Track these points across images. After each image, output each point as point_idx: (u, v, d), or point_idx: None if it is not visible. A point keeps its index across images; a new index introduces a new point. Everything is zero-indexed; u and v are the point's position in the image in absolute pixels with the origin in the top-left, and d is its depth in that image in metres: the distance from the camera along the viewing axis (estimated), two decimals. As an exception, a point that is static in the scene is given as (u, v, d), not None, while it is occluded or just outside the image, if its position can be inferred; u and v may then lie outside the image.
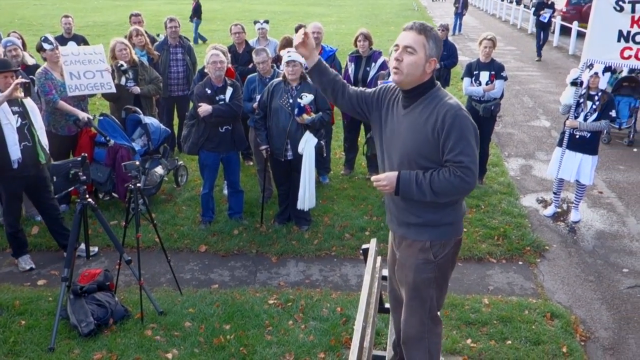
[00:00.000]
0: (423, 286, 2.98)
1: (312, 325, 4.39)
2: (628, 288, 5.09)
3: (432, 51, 2.75)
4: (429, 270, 2.94)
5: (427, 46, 2.73)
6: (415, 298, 3.02)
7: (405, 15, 28.58)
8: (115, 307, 4.41)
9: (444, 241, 2.92)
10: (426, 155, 2.78)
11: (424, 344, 3.09)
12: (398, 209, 2.99)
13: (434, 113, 2.74)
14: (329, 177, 7.32)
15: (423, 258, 2.93)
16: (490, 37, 6.74)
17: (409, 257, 2.99)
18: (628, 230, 6.20)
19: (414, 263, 2.96)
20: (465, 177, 2.69)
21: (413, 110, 2.83)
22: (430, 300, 3.02)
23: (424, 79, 2.79)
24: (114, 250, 5.28)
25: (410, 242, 2.98)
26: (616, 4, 5.61)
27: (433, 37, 2.75)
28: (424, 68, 2.76)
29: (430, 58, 2.75)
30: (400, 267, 3.08)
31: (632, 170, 7.99)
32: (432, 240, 2.91)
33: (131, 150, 6.16)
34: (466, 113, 2.75)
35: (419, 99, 2.82)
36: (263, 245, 5.67)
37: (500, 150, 8.75)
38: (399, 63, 2.74)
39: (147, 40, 7.46)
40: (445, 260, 2.96)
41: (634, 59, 5.68)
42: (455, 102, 2.78)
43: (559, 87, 12.36)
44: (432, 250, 2.92)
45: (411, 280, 2.99)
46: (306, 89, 5.48)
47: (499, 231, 5.97)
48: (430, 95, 2.81)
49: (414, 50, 2.72)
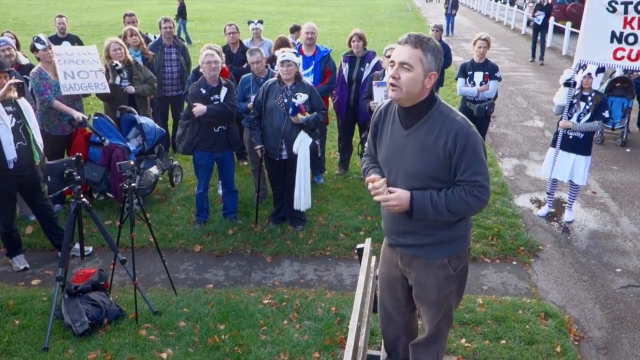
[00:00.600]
0: (446, 301, 2.96)
1: (307, 324, 4.39)
2: (621, 288, 5.12)
3: (430, 65, 2.57)
4: (450, 284, 2.91)
5: (424, 60, 2.55)
6: (439, 311, 2.99)
7: (400, 15, 28.65)
8: (110, 307, 4.40)
9: (460, 254, 2.89)
10: (436, 176, 2.69)
11: (434, 348, 3.11)
12: (405, 230, 2.87)
13: (442, 133, 2.61)
14: (324, 177, 7.33)
15: (444, 275, 2.87)
16: (485, 37, 6.77)
17: (429, 276, 2.90)
18: (621, 230, 6.24)
19: (436, 281, 2.89)
20: (482, 196, 2.65)
21: (418, 130, 2.69)
22: (451, 310, 3.04)
23: (424, 95, 2.64)
24: (108, 250, 5.27)
25: (425, 261, 2.89)
26: (609, 5, 5.64)
27: (431, 49, 2.56)
28: (423, 84, 2.59)
29: (429, 72, 2.58)
30: (420, 287, 2.98)
31: (625, 171, 8.04)
32: (449, 256, 2.86)
33: (126, 150, 6.15)
34: (475, 129, 2.68)
35: (422, 118, 2.68)
36: (258, 245, 5.67)
37: (494, 150, 8.79)
38: (396, 80, 2.57)
39: (141, 40, 7.45)
40: (463, 271, 2.95)
41: (627, 60, 5.72)
42: (462, 118, 2.67)
43: (552, 88, 12.42)
44: (450, 265, 2.86)
45: (434, 298, 2.94)
46: (301, 89, 5.49)
47: (493, 231, 5.99)
48: (435, 112, 2.67)
49: (411, 66, 2.54)
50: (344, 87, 6.94)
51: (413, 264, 2.95)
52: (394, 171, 2.80)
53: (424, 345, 3.10)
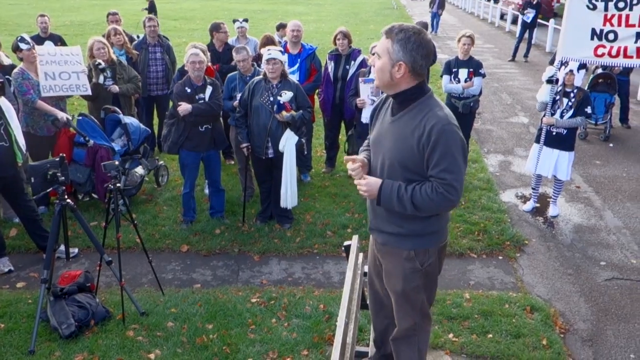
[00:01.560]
0: (413, 293, 2.96)
1: (295, 322, 4.40)
2: (605, 280, 5.18)
3: (397, 55, 2.59)
4: (417, 278, 2.91)
5: (390, 50, 2.60)
6: (406, 303, 3.00)
7: (385, 14, 28.71)
8: (97, 309, 4.37)
9: (429, 249, 2.87)
10: (410, 167, 2.70)
11: (414, 341, 3.10)
12: (379, 217, 2.93)
13: (420, 125, 2.62)
14: (310, 175, 7.33)
15: (410, 267, 2.88)
16: (469, 34, 6.81)
17: (396, 267, 2.93)
18: (605, 223, 6.32)
19: (402, 272, 2.90)
20: (448, 195, 2.60)
21: (400, 119, 2.73)
22: (421, 303, 3.02)
23: (401, 84, 2.67)
24: (94, 252, 5.23)
25: (394, 252, 2.92)
26: (589, 2, 5.69)
27: (399, 39, 2.58)
28: (391, 73, 2.63)
29: (396, 62, 2.60)
30: (388, 276, 3.03)
31: (609, 165, 8.14)
32: (415, 249, 2.86)
33: (111, 150, 6.11)
34: (455, 127, 2.63)
35: (407, 107, 2.72)
36: (245, 244, 5.66)
37: (479, 146, 8.85)
38: (374, 68, 2.75)
39: (125, 39, 7.40)
40: (432, 267, 2.93)
41: (608, 57, 5.78)
42: (444, 114, 2.64)
43: (536, 84, 12.52)
44: (417, 258, 2.86)
45: (400, 289, 2.95)
46: (286, 87, 5.48)
47: (479, 226, 6.04)
48: (420, 104, 2.69)
49: (379, 55, 2.66)
50: (329, 85, 6.95)
51: (383, 252, 3.02)
52: (379, 155, 2.85)
53: (404, 339, 3.11)
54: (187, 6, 30.52)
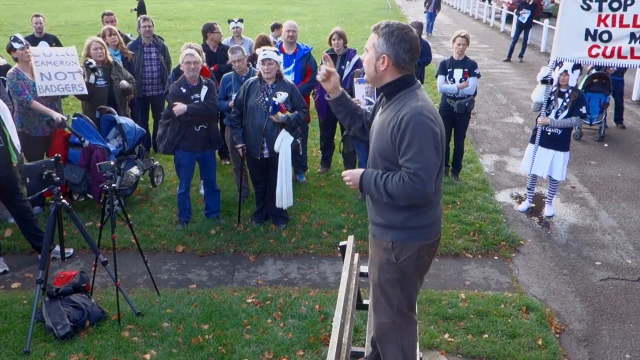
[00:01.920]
0: (387, 286, 3.00)
1: (291, 323, 4.40)
2: (601, 280, 5.20)
3: (381, 48, 2.72)
4: (391, 271, 2.95)
5: (375, 43, 2.74)
6: (381, 295, 3.05)
7: (380, 14, 28.71)
8: (92, 309, 4.36)
9: (407, 244, 2.90)
10: (387, 157, 2.80)
11: (397, 341, 3.11)
12: (371, 209, 3.06)
13: (396, 116, 2.70)
14: (306, 175, 7.33)
15: (386, 259, 2.95)
16: (464, 34, 6.82)
17: (376, 256, 3.03)
18: (600, 223, 6.34)
19: (379, 262, 3.00)
20: (414, 185, 2.64)
21: (385, 111, 2.85)
22: (397, 299, 3.03)
23: (384, 77, 2.78)
24: (89, 252, 5.21)
25: (377, 242, 3.02)
26: (583, 3, 5.71)
27: (384, 33, 2.71)
28: (376, 66, 2.76)
29: (380, 55, 2.73)
30: (370, 264, 3.16)
31: (604, 165, 8.17)
32: (393, 241, 2.91)
33: (106, 150, 6.09)
34: (426, 118, 2.65)
35: (392, 99, 2.82)
36: (241, 245, 5.66)
37: (474, 146, 8.87)
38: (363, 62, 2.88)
39: (120, 39, 7.38)
40: (408, 263, 2.92)
41: (602, 57, 5.80)
42: (419, 105, 2.68)
43: (531, 84, 12.55)
44: (394, 251, 2.91)
45: (376, 279, 3.04)
46: (281, 87, 5.48)
47: (474, 227, 6.05)
48: (401, 96, 2.78)
49: (367, 49, 2.81)
50: (324, 85, 6.93)
51: (371, 243, 3.13)
52: (371, 145, 2.97)
53: (386, 339, 3.12)
54: (182, 6, 30.48)
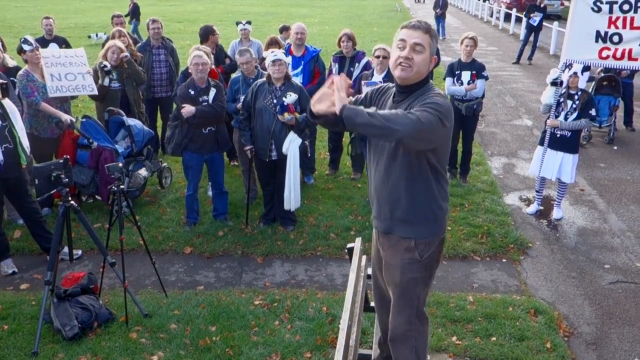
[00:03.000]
0: (410, 286, 2.99)
1: (298, 325, 4.39)
2: (610, 284, 5.16)
3: (434, 50, 2.86)
4: (415, 269, 2.95)
5: (432, 45, 2.83)
6: (403, 297, 3.03)
7: (389, 16, 28.72)
8: (100, 310, 4.38)
9: (429, 240, 2.93)
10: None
11: (411, 342, 3.10)
12: (380, 212, 3.01)
13: (416, 102, 2.77)
14: (314, 177, 7.33)
15: (409, 258, 2.94)
16: (472, 36, 6.81)
17: (395, 257, 2.99)
18: (609, 226, 6.30)
19: (400, 263, 2.96)
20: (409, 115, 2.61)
21: (403, 103, 2.85)
22: (418, 299, 3.04)
23: (424, 75, 2.87)
24: (97, 253, 5.24)
25: (395, 242, 2.98)
26: (594, 5, 5.68)
27: (435, 36, 2.86)
28: (429, 65, 2.86)
29: (432, 56, 2.86)
30: (387, 267, 3.09)
31: (613, 168, 8.11)
32: (416, 238, 2.92)
33: (114, 152, 6.12)
34: (444, 99, 2.77)
35: (412, 94, 2.85)
36: (248, 246, 5.66)
37: (483, 149, 8.83)
38: (409, 60, 2.77)
39: (129, 41, 7.41)
40: (430, 259, 2.97)
41: (612, 59, 5.76)
42: (439, 94, 2.81)
43: (540, 87, 12.50)
44: (417, 249, 2.92)
45: (398, 280, 3.00)
46: (290, 89, 5.49)
47: (482, 229, 6.02)
48: (423, 91, 2.84)
49: (424, 48, 2.78)
50: (332, 87, 6.93)
51: (384, 244, 3.07)
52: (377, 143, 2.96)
53: (401, 340, 3.11)
54: (192, 8, 30.62)
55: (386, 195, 2.96)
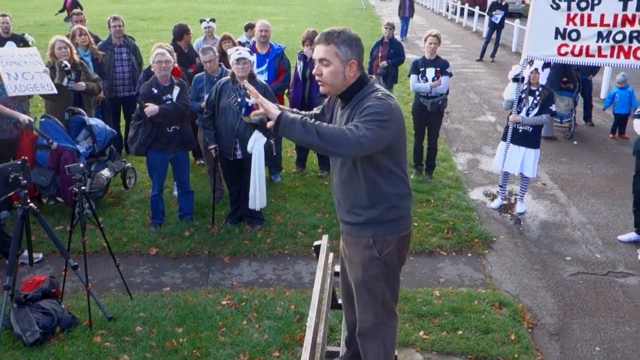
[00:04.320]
0: (372, 282, 3.01)
1: (266, 324, 4.37)
2: (571, 275, 5.29)
3: (347, 55, 2.75)
4: (375, 266, 2.98)
5: (339, 52, 2.74)
6: (366, 292, 3.06)
7: (355, 14, 28.83)
8: (62, 315, 4.27)
9: (387, 237, 2.95)
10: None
11: (379, 336, 3.12)
12: (341, 209, 3.05)
13: (357, 110, 2.76)
14: (281, 176, 7.30)
15: (369, 255, 2.96)
16: (435, 34, 6.88)
17: (356, 254, 3.02)
18: (570, 219, 6.45)
19: (361, 260, 2.99)
20: (348, 133, 2.58)
21: (346, 112, 2.87)
22: (382, 294, 3.05)
23: (350, 82, 2.81)
24: (59, 257, 5.10)
25: (355, 240, 3.02)
26: (553, 2, 5.81)
27: (343, 41, 2.74)
28: (345, 73, 2.77)
29: (347, 62, 2.75)
30: (350, 264, 3.12)
31: (573, 162, 8.31)
32: (374, 236, 2.94)
33: (75, 152, 5.98)
34: (386, 101, 2.72)
35: (351, 100, 2.85)
36: (215, 246, 5.61)
37: (448, 145, 8.95)
38: (320, 77, 2.79)
39: (91, 39, 7.25)
40: (391, 256, 2.99)
41: (571, 55, 5.90)
42: (380, 92, 2.77)
43: (503, 83, 12.69)
44: (375, 247, 2.95)
45: (360, 277, 3.03)
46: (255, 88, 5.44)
47: (448, 224, 6.10)
48: (361, 94, 2.82)
49: (328, 61, 2.74)
50: (298, 85, 6.94)
51: (347, 242, 3.11)
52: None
53: (369, 335, 3.13)
54: (155, 6, 30.14)
55: (342, 196, 3.01)
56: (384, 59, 8.95)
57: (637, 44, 5.55)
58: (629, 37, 5.57)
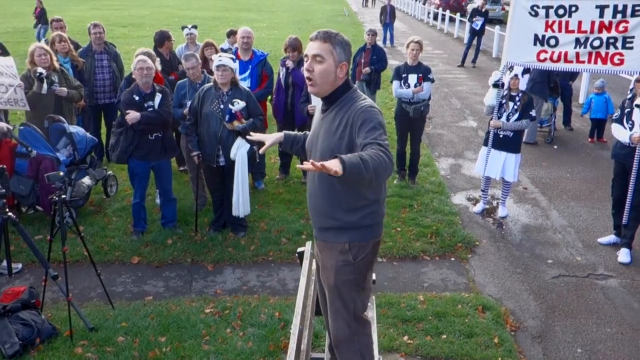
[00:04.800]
0: (344, 288, 3.00)
1: (251, 331, 4.35)
2: (553, 278, 5.35)
3: (340, 56, 2.80)
4: (349, 272, 2.96)
5: (334, 52, 2.78)
6: (338, 299, 3.03)
7: (337, 20, 28.93)
8: (42, 326, 4.20)
9: (363, 243, 2.95)
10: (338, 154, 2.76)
11: (355, 346, 3.10)
12: (317, 215, 3.03)
13: (346, 114, 2.78)
14: (264, 182, 7.29)
15: (343, 260, 2.95)
16: (417, 40, 6.93)
17: (330, 259, 3.00)
18: (551, 223, 6.53)
19: (335, 265, 2.97)
20: (387, 154, 2.51)
21: (329, 114, 2.88)
22: (354, 302, 3.04)
23: (338, 83, 2.85)
24: (39, 266, 5.03)
25: (330, 245, 3.00)
26: (531, 9, 5.90)
27: (339, 42, 2.80)
28: (336, 74, 2.81)
29: (340, 63, 2.80)
30: (323, 269, 3.10)
31: (554, 167, 8.42)
32: (350, 241, 2.93)
33: (55, 160, 5.90)
34: (377, 109, 2.78)
35: (335, 103, 2.87)
36: (198, 254, 5.57)
37: (430, 150, 9.01)
38: (310, 73, 2.80)
39: (70, 46, 7.18)
40: (364, 262, 2.98)
41: (550, 62, 5.99)
42: (368, 102, 2.81)
43: (484, 89, 12.83)
44: (351, 252, 2.93)
45: (332, 283, 3.01)
46: (237, 95, 5.44)
47: (431, 229, 6.13)
48: (345, 98, 2.85)
49: (323, 58, 2.77)
50: (281, 91, 6.94)
51: (321, 246, 3.08)
52: (312, 152, 2.98)
53: (345, 346, 3.12)
54: (136, 13, 29.99)
55: (317, 204, 3.00)
56: (366, 65, 9.00)
57: (614, 49, 5.66)
58: (605, 43, 5.68)
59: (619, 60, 5.65)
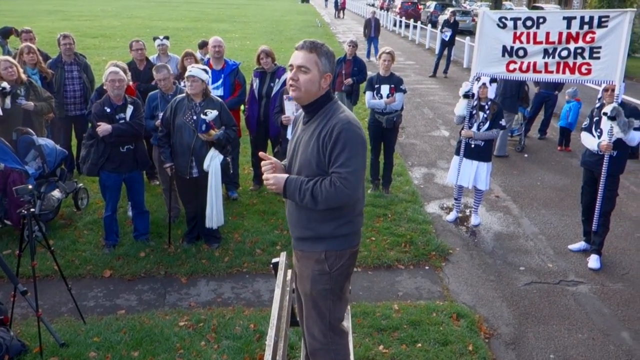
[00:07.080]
0: (320, 297, 3.01)
1: (225, 344, 4.30)
2: (525, 285, 5.42)
3: (325, 67, 2.85)
4: (324, 281, 2.98)
5: (319, 63, 2.83)
6: (314, 309, 3.05)
7: (309, 31, 29.09)
8: (11, 343, 4.09)
9: (339, 252, 2.97)
10: (320, 167, 2.85)
11: (330, 355, 3.11)
12: (294, 225, 3.05)
13: (325, 127, 2.83)
14: (238, 193, 7.25)
15: (319, 269, 2.97)
16: (389, 51, 7.01)
17: (306, 269, 3.02)
18: (523, 230, 6.63)
19: (311, 274, 2.99)
20: (344, 189, 2.75)
21: (311, 125, 2.92)
22: (329, 312, 3.05)
23: (320, 93, 2.89)
24: (7, 282, 4.90)
25: (307, 254, 3.02)
26: (499, 21, 6.03)
27: (324, 53, 2.85)
28: (320, 84, 2.86)
29: (324, 74, 2.86)
30: (300, 278, 3.12)
31: (524, 175, 8.57)
32: (327, 251, 2.95)
33: (24, 173, 5.78)
34: (355, 127, 2.82)
35: (316, 114, 2.91)
36: (172, 266, 5.50)
37: (404, 160, 9.09)
38: (295, 82, 2.84)
39: (39, 58, 7.06)
40: (340, 271, 2.99)
41: (519, 72, 6.12)
42: (345, 116, 2.85)
43: (456, 99, 12.90)
44: (327, 261, 2.95)
45: (308, 292, 3.03)
46: (210, 105, 5.41)
47: (405, 238, 6.17)
48: (326, 109, 2.90)
49: (308, 68, 2.82)
50: (254, 102, 6.94)
51: (299, 255, 3.11)
52: (293, 160, 3.01)
53: (320, 356, 3.13)
54: (107, 23, 29.68)
55: (293, 214, 3.03)
56: (348, 76, 9.02)
57: (582, 59, 5.80)
58: (573, 54, 5.82)
59: (587, 70, 5.79)
